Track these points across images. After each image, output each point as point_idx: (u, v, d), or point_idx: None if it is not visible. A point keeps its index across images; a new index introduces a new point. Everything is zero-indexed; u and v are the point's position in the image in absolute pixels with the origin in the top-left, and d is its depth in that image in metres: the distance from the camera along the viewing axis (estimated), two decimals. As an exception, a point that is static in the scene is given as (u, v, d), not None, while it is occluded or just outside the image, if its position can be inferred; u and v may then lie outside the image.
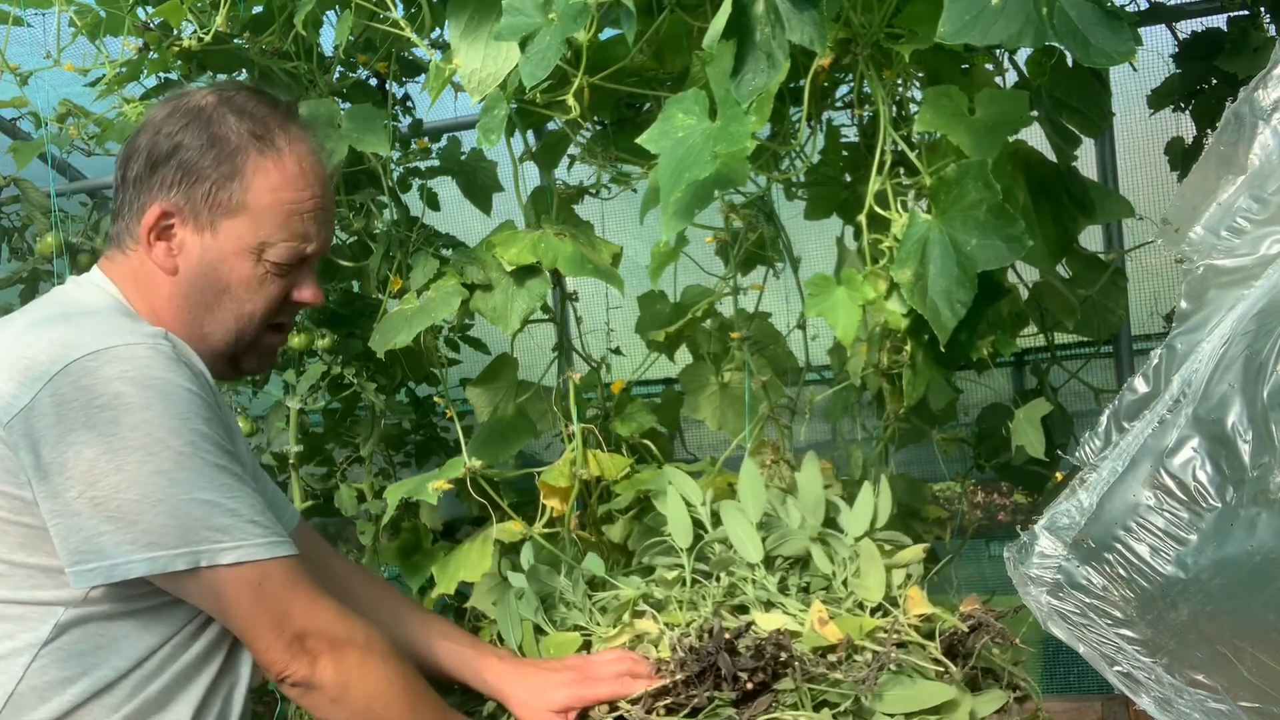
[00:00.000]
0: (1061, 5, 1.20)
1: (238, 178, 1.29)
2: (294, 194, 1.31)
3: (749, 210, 1.87)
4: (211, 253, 1.31)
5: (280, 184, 1.31)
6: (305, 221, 1.32)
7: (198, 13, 1.97)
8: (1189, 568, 1.03)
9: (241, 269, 1.31)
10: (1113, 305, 2.10)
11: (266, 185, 1.30)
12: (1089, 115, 1.89)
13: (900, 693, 1.29)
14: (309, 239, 1.33)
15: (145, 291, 1.33)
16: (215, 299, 1.32)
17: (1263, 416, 0.97)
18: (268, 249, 1.31)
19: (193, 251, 1.31)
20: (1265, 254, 1.07)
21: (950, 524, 2.08)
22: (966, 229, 1.42)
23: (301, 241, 1.32)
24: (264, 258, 1.31)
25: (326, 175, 1.36)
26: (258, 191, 1.30)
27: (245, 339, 1.35)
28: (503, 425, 2.07)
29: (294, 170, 1.32)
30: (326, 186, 1.35)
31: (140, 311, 1.32)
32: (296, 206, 1.31)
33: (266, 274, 1.32)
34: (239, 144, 1.30)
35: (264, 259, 1.31)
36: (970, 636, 1.36)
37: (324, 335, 2.17)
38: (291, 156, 1.32)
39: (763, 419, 1.90)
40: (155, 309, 1.32)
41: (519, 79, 1.58)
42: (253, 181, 1.30)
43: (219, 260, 1.31)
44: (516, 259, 1.85)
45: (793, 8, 1.29)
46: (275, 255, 1.31)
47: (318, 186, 1.34)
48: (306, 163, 1.33)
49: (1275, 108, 1.09)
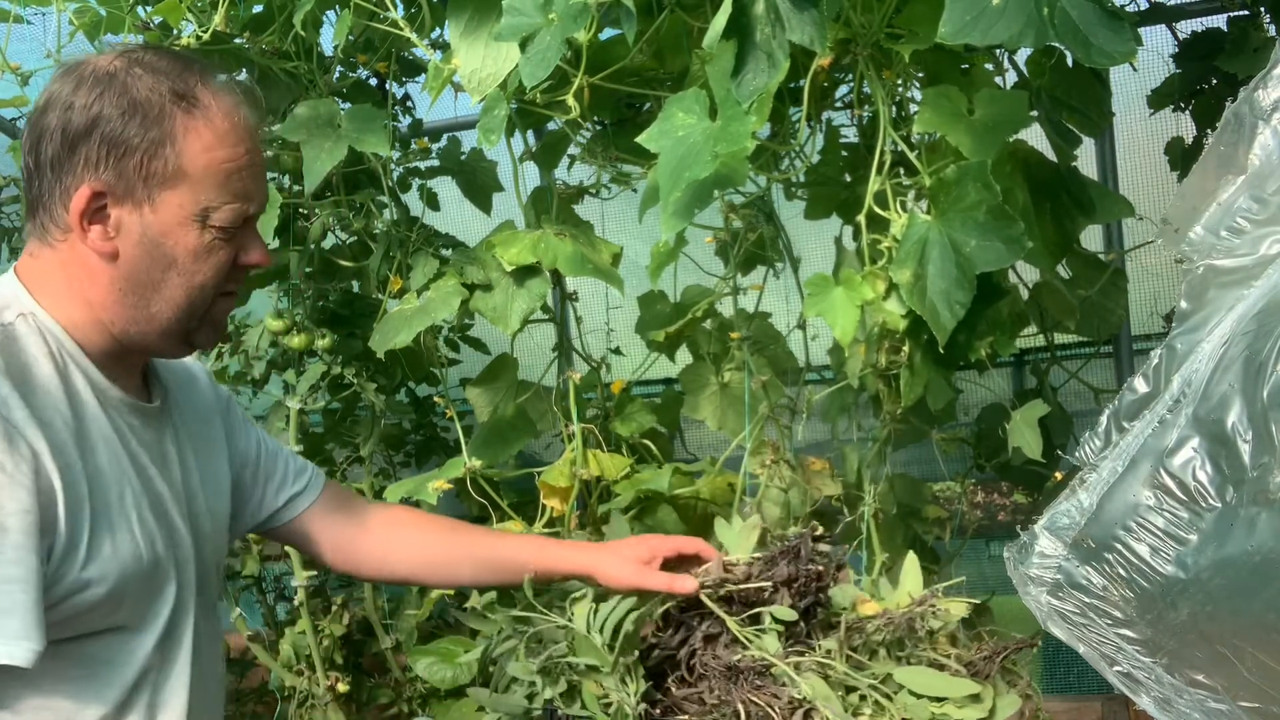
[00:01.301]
0: (1062, 5, 1.20)
1: (168, 143, 1.18)
2: (229, 151, 1.21)
3: (749, 210, 1.87)
4: (153, 228, 1.20)
5: (214, 143, 1.20)
6: (244, 179, 1.22)
7: (197, 12, 1.97)
8: (1189, 568, 1.03)
9: (187, 240, 1.20)
10: (1113, 305, 2.10)
11: (200, 146, 1.19)
12: (1089, 115, 1.89)
13: (927, 680, 1.34)
14: (250, 197, 1.23)
15: (78, 284, 1.21)
16: (162, 276, 1.21)
17: (1263, 416, 0.97)
18: (211, 214, 1.20)
19: (132, 230, 1.20)
20: (1265, 254, 1.07)
21: (950, 524, 2.08)
22: (966, 230, 1.42)
23: (243, 201, 1.22)
24: (209, 224, 1.20)
25: (255, 128, 1.26)
26: (192, 154, 1.19)
27: (198, 312, 1.24)
28: (503, 425, 2.07)
29: (225, 127, 1.21)
30: (257, 140, 1.26)
31: (72, 306, 1.21)
32: (234, 164, 1.21)
33: (214, 240, 1.21)
34: (162, 106, 1.19)
35: (209, 225, 1.20)
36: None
37: (324, 335, 2.17)
38: (219, 112, 1.21)
39: (763, 419, 1.90)
40: (92, 300, 1.21)
41: (519, 79, 1.58)
42: (185, 145, 1.19)
43: (162, 235, 1.20)
44: (516, 259, 1.85)
45: (793, 8, 1.29)
46: (220, 219, 1.21)
47: (250, 140, 1.24)
48: (236, 117, 1.22)
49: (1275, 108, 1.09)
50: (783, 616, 1.39)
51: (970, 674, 1.37)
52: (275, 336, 2.21)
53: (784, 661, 1.34)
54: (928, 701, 1.33)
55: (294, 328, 2.18)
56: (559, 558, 1.51)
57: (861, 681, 1.34)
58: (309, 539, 1.53)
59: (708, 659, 1.38)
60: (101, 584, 1.14)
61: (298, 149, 1.94)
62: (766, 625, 1.39)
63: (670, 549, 1.46)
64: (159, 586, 1.22)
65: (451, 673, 1.93)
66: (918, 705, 1.32)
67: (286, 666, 2.31)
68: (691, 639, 1.41)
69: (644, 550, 1.46)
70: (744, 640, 1.38)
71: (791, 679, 1.33)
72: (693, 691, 1.37)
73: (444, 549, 1.55)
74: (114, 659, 1.19)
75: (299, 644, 2.29)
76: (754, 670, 1.35)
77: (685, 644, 1.41)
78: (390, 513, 1.59)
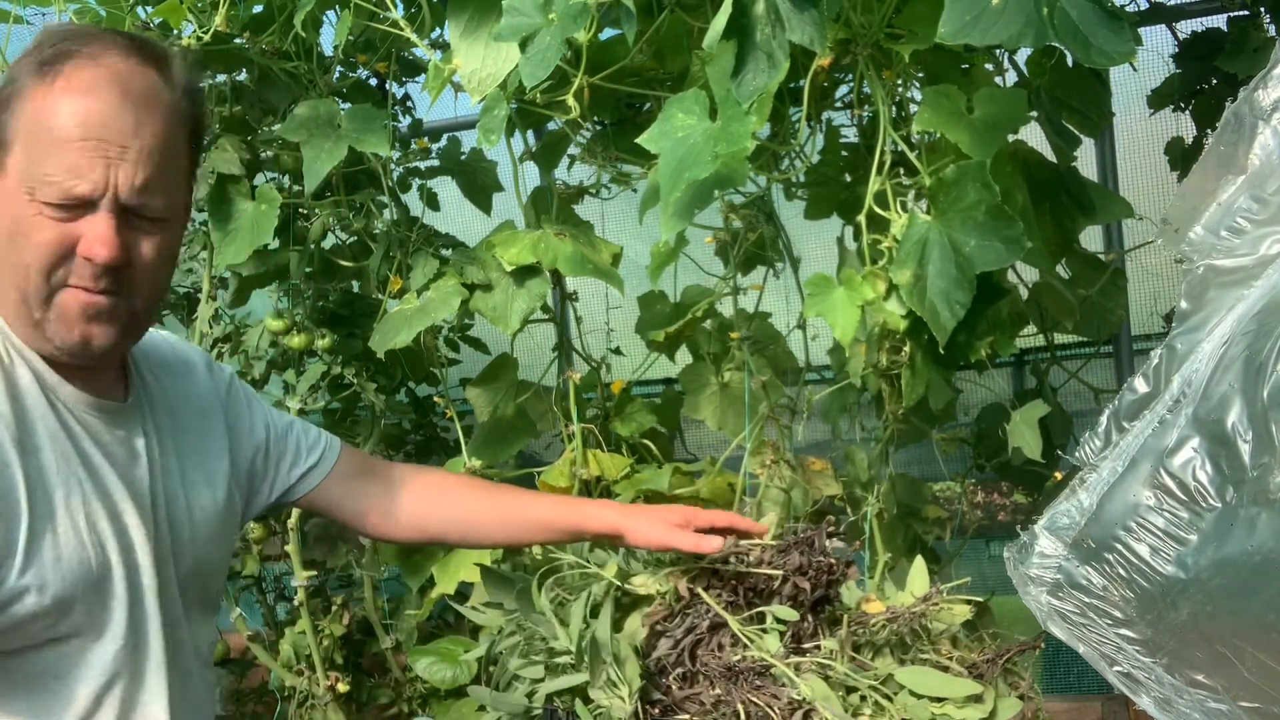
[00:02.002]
0: (1062, 5, 1.20)
1: (9, 107, 1.12)
2: (60, 119, 1.09)
3: (749, 210, 1.87)
4: (3, 196, 1.13)
5: (46, 109, 1.10)
6: (75, 154, 1.09)
7: (197, 13, 1.97)
8: (1189, 568, 1.03)
9: (16, 211, 1.11)
10: (1113, 305, 2.10)
11: (33, 111, 1.10)
12: (1089, 115, 1.89)
13: (928, 680, 1.35)
14: (79, 175, 1.09)
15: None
16: (8, 255, 1.13)
17: (1263, 416, 0.97)
18: (38, 187, 1.09)
19: None
20: (1265, 254, 1.07)
21: (950, 524, 2.08)
22: (965, 230, 1.42)
23: (70, 177, 1.09)
24: (35, 197, 1.10)
25: (123, 109, 1.11)
26: (26, 119, 1.11)
27: (32, 299, 1.13)
28: (503, 425, 2.07)
29: (65, 93, 1.10)
30: (122, 117, 1.11)
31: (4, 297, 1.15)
32: (63, 134, 1.09)
33: (38, 216, 1.10)
34: (20, 72, 1.12)
35: (35, 198, 1.10)
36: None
37: (324, 335, 2.17)
38: (73, 80, 1.10)
39: (763, 419, 1.90)
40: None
41: (519, 79, 1.58)
42: (23, 108, 1.11)
43: (8, 201, 1.12)
44: (516, 259, 1.85)
45: (793, 8, 1.29)
46: (44, 194, 1.09)
47: (102, 118, 1.10)
48: (90, 85, 1.10)
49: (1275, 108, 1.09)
50: (784, 616, 1.39)
51: (973, 676, 1.37)
52: (275, 336, 2.21)
53: (783, 662, 1.34)
54: (928, 702, 1.33)
55: (294, 328, 2.18)
56: (589, 515, 1.48)
57: (862, 682, 1.34)
58: (334, 506, 1.49)
59: (708, 659, 1.38)
60: (42, 592, 1.09)
61: (298, 149, 1.94)
62: (769, 625, 1.39)
63: (706, 520, 1.43)
64: (111, 593, 1.16)
65: (451, 672, 1.93)
66: (918, 705, 1.33)
67: (286, 666, 2.31)
68: (698, 628, 1.41)
69: (678, 516, 1.44)
70: (745, 640, 1.38)
71: (791, 680, 1.33)
72: (692, 692, 1.37)
73: (476, 508, 1.52)
74: (69, 672, 1.13)
75: (299, 644, 2.29)
76: (754, 670, 1.35)
77: (691, 632, 1.41)
78: (419, 475, 1.55)
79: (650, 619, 1.44)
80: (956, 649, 1.42)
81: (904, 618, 1.41)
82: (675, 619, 1.44)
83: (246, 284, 2.29)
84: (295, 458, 1.45)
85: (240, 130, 2.17)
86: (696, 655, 1.40)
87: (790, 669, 1.34)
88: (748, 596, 1.42)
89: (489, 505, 1.52)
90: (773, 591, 1.41)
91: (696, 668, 1.39)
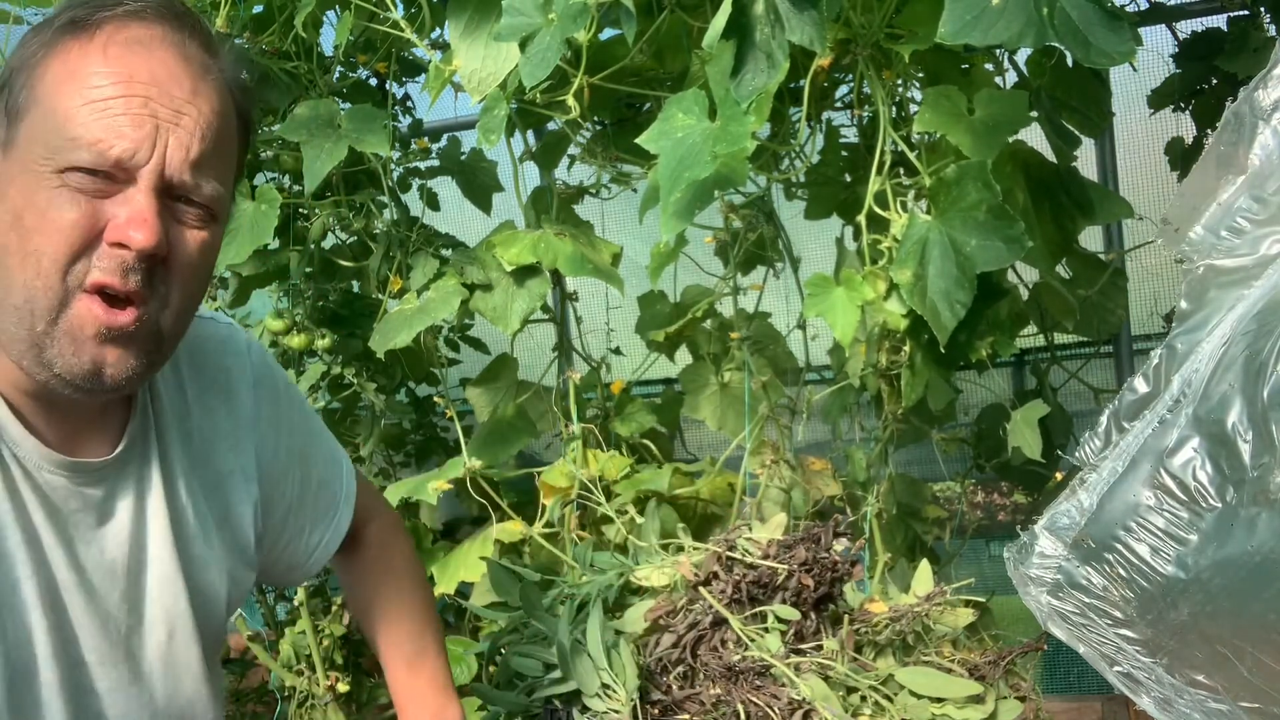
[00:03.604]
0: (1062, 5, 1.20)
1: (27, 68, 0.91)
2: (95, 76, 0.89)
3: (749, 210, 1.87)
4: (3, 179, 0.91)
5: (82, 65, 0.89)
6: (115, 109, 0.88)
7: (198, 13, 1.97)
8: (1189, 568, 1.03)
9: (28, 188, 0.89)
10: (1113, 305, 2.10)
11: (61, 70, 0.90)
12: (1089, 115, 1.89)
13: (928, 680, 1.35)
14: (119, 134, 0.88)
15: None
16: (11, 245, 0.89)
17: (1263, 416, 0.97)
18: (61, 151, 0.88)
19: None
20: (1265, 254, 1.07)
21: (950, 524, 2.08)
22: (966, 230, 1.42)
23: (108, 135, 0.88)
24: (58, 164, 0.88)
25: (190, 71, 0.93)
26: (51, 78, 0.90)
27: (39, 303, 0.88)
28: (503, 425, 2.07)
29: (109, 45, 0.90)
30: (178, 79, 0.92)
31: None
32: (102, 88, 0.88)
33: (61, 188, 0.88)
34: (40, 36, 0.92)
35: (58, 166, 0.88)
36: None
37: (324, 335, 2.17)
38: (117, 35, 0.91)
39: (763, 419, 1.90)
40: None
41: (519, 79, 1.58)
42: (47, 69, 0.90)
43: (8, 183, 0.90)
44: (516, 259, 1.85)
45: (793, 8, 1.29)
46: (70, 157, 0.88)
47: (152, 71, 0.90)
48: (140, 39, 0.91)
49: (1275, 108, 1.09)
50: (786, 616, 1.39)
51: (975, 678, 1.37)
52: (275, 336, 2.21)
53: (783, 662, 1.34)
54: (928, 702, 1.33)
55: (294, 328, 2.18)
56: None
57: (862, 682, 1.34)
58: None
59: (708, 658, 1.39)
60: None
61: (298, 149, 1.94)
62: (770, 624, 1.39)
63: None
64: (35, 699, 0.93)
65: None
66: (918, 706, 1.33)
67: (286, 666, 2.31)
68: (700, 623, 1.42)
69: None
70: (746, 639, 1.38)
71: (790, 680, 1.33)
72: (693, 691, 1.38)
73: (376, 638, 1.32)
74: None
75: (299, 644, 2.29)
76: (754, 670, 1.35)
77: (694, 628, 1.42)
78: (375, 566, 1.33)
79: (653, 614, 1.44)
80: (958, 651, 1.42)
81: (907, 618, 1.41)
82: (679, 614, 1.44)
83: (246, 284, 2.29)
84: (314, 524, 1.24)
85: (240, 130, 2.16)
86: (698, 653, 1.40)
87: (790, 669, 1.34)
88: (751, 592, 1.42)
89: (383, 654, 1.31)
90: (776, 587, 1.42)
91: (697, 666, 1.39)
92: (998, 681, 1.36)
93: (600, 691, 1.35)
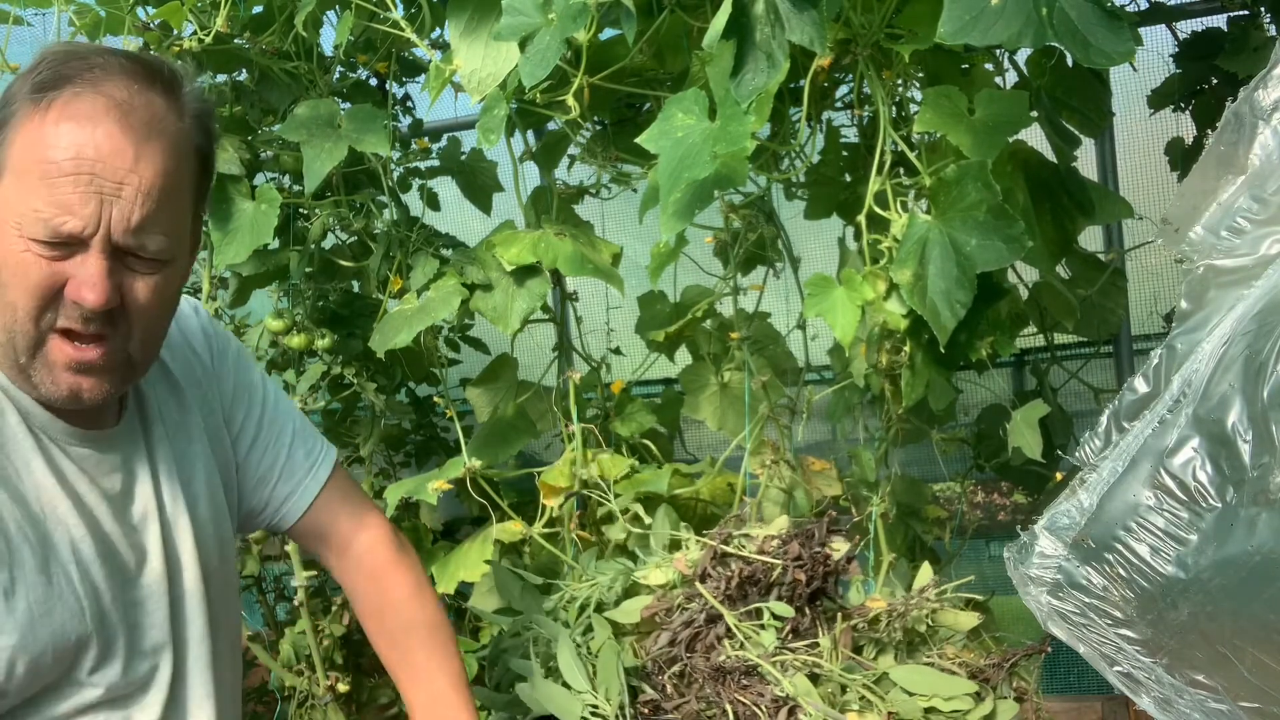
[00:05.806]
0: (1061, 5, 1.20)
1: (7, 127, 1.05)
2: (50, 151, 1.02)
3: (749, 210, 1.87)
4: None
5: (37, 140, 1.02)
6: (64, 188, 1.01)
7: (198, 13, 1.97)
8: (1189, 568, 1.03)
9: (7, 246, 1.03)
10: (1113, 305, 2.10)
11: (24, 141, 1.03)
12: (1089, 115, 1.89)
13: (923, 678, 1.35)
14: (69, 211, 1.01)
15: None
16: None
17: (1263, 416, 0.97)
18: (26, 222, 1.02)
19: None
20: (1265, 254, 1.07)
21: (950, 524, 2.08)
22: (966, 230, 1.42)
23: (59, 213, 1.01)
24: (24, 233, 1.02)
25: (133, 137, 1.04)
26: (18, 148, 1.03)
27: (19, 343, 1.06)
28: (503, 425, 2.07)
29: (59, 122, 1.02)
30: (120, 150, 1.04)
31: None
32: (54, 167, 1.01)
33: (27, 253, 1.03)
34: (15, 95, 1.05)
35: (23, 234, 1.02)
36: None
37: (324, 335, 2.17)
38: (68, 108, 1.03)
39: (763, 419, 1.90)
40: None
41: (519, 79, 1.58)
42: (15, 136, 1.04)
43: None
44: (516, 259, 1.85)
45: (793, 8, 1.29)
46: (32, 230, 1.02)
47: (97, 147, 1.02)
48: (86, 114, 1.03)
49: (1275, 108, 1.09)
50: (780, 613, 1.39)
51: (979, 681, 1.37)
52: (275, 336, 2.21)
53: (768, 660, 1.35)
54: (920, 699, 1.33)
55: (294, 328, 2.18)
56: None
57: (853, 680, 1.33)
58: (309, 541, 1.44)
59: (698, 660, 1.39)
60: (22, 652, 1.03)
61: (298, 149, 1.94)
62: (766, 621, 1.39)
63: None
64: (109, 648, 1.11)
65: (451, 673, 1.92)
66: (908, 702, 1.32)
67: (286, 666, 2.31)
68: (695, 621, 1.42)
69: None
70: (741, 635, 1.38)
71: (775, 677, 1.33)
72: (684, 690, 1.38)
73: (380, 646, 1.43)
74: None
75: (299, 644, 2.29)
76: (741, 669, 1.36)
77: (689, 626, 1.42)
78: (373, 569, 1.45)
79: (649, 611, 1.44)
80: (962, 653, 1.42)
81: (902, 611, 1.41)
82: (675, 613, 1.44)
83: (246, 284, 2.29)
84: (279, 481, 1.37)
85: (240, 130, 2.17)
86: (693, 651, 1.40)
87: (776, 666, 1.34)
88: (745, 588, 1.42)
89: (389, 662, 1.42)
90: (771, 583, 1.42)
91: (690, 665, 1.40)
92: (1000, 683, 1.36)
93: (586, 714, 1.35)
